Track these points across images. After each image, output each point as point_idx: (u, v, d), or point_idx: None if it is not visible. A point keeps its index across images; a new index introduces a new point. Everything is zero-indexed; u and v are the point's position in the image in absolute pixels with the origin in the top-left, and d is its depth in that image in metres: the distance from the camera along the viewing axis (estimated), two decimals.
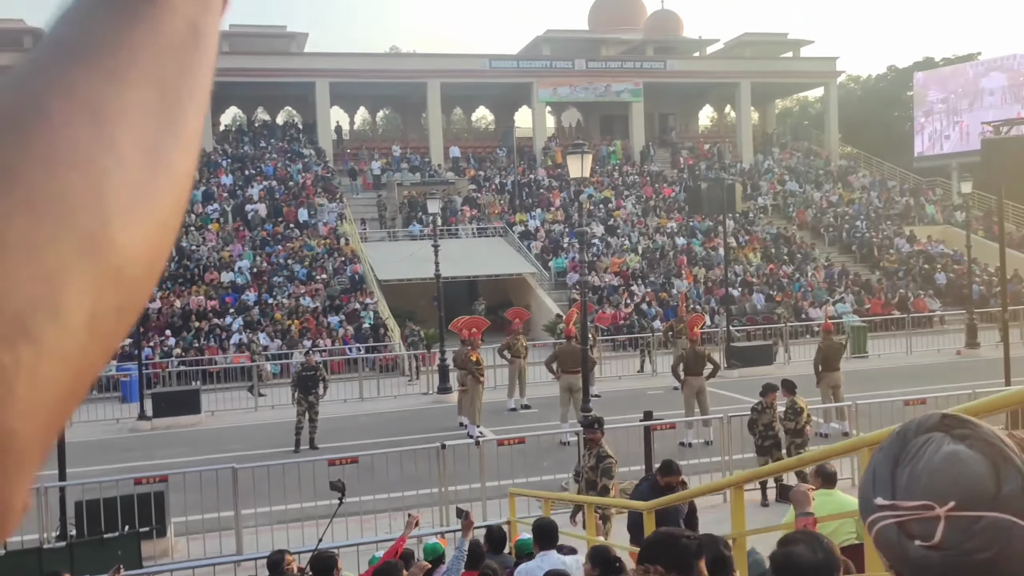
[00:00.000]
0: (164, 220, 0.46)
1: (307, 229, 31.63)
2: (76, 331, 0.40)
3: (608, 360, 22.96)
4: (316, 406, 16.20)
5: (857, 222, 37.19)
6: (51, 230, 0.40)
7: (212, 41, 0.52)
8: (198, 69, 0.50)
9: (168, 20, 0.49)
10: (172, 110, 0.47)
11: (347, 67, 38.26)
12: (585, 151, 13.98)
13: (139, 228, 0.44)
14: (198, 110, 0.50)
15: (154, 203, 0.45)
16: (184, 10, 0.50)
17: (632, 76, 41.77)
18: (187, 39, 0.50)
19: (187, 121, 0.48)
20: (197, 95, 0.50)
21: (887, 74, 57.45)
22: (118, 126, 0.44)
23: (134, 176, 0.44)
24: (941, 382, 17.40)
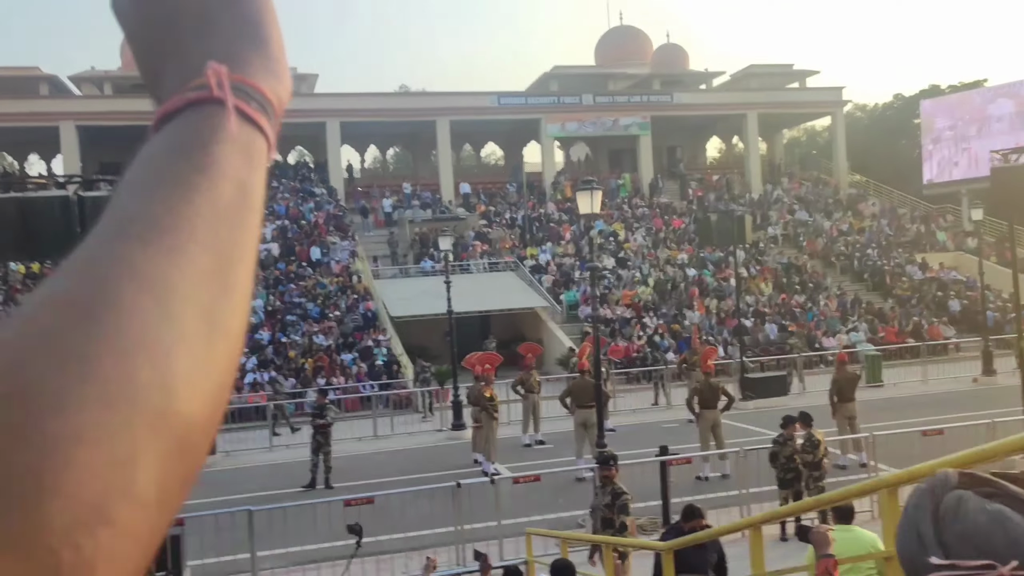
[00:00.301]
0: (222, 382, 0.47)
1: (320, 267, 31.83)
2: (148, 508, 0.41)
3: (622, 394, 22.88)
4: (327, 445, 16.18)
5: (868, 250, 37.13)
6: (124, 416, 0.41)
7: (260, 195, 0.54)
8: (248, 227, 0.52)
9: (220, 186, 0.51)
10: (226, 274, 0.49)
11: (357, 107, 38.74)
12: (595, 187, 14.09)
13: (200, 395, 0.45)
14: (249, 267, 0.51)
15: (213, 368, 0.46)
16: (234, 173, 0.52)
17: (639, 110, 42.10)
18: (237, 200, 0.51)
19: (239, 281, 0.50)
20: (248, 253, 0.51)
21: (893, 102, 57.65)
22: (180, 301, 0.46)
23: (195, 346, 0.45)
24: (958, 411, 17.28)
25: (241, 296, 0.50)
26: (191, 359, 0.45)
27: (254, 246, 0.53)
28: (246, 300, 0.51)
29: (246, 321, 0.51)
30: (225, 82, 0.54)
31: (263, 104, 0.56)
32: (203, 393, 0.45)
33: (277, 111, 0.58)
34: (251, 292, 0.52)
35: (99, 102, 37.58)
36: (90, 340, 0.42)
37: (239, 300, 0.50)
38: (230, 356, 0.48)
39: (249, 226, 0.52)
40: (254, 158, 0.54)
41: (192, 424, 0.44)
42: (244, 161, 0.53)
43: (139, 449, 0.41)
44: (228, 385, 0.49)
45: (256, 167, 0.54)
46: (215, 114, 0.53)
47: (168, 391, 0.43)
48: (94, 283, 0.45)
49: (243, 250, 0.51)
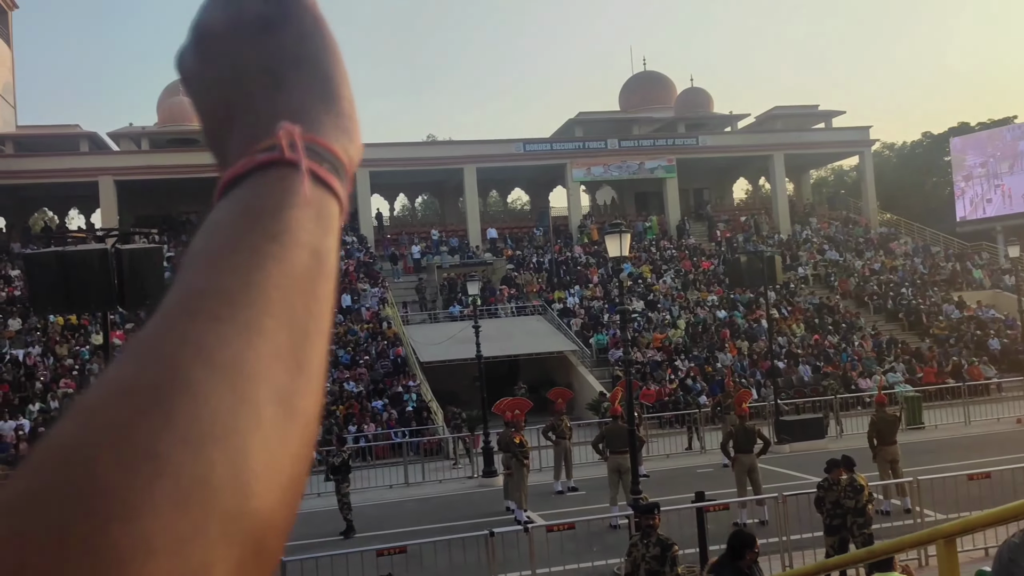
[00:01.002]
0: (297, 473, 0.43)
1: (350, 314, 31.98)
2: None
3: (655, 438, 22.58)
4: (341, 494, 16.10)
5: (903, 289, 36.63)
6: (197, 521, 0.37)
7: (334, 261, 0.50)
8: (323, 297, 0.48)
9: (294, 255, 0.47)
10: (302, 350, 0.45)
11: (386, 156, 39.25)
12: (623, 231, 14.06)
13: (276, 491, 0.41)
14: (324, 341, 0.47)
15: (288, 458, 0.42)
16: (308, 239, 0.48)
17: (665, 153, 42.21)
18: (312, 268, 0.48)
19: (315, 357, 0.46)
20: (323, 326, 0.47)
21: (922, 140, 57.38)
22: (255, 383, 0.42)
23: (270, 435, 0.41)
24: (1003, 453, 16.79)
25: (317, 374, 0.46)
26: (266, 450, 0.41)
27: (329, 317, 0.49)
28: (322, 378, 0.47)
29: (321, 401, 0.47)
30: (299, 143, 0.51)
31: (335, 165, 0.53)
32: (278, 488, 0.41)
33: (349, 172, 0.55)
34: (326, 368, 0.48)
35: (136, 157, 38.50)
36: (160, 433, 0.38)
37: (315, 378, 0.45)
38: (305, 443, 0.44)
39: (324, 296, 0.48)
40: (327, 222, 0.50)
41: (267, 525, 0.40)
42: (317, 226, 0.49)
43: (214, 558, 0.37)
44: (303, 476, 0.44)
45: (329, 231, 0.50)
46: (287, 177, 0.50)
47: (243, 489, 0.39)
48: (162, 367, 0.40)
49: (319, 323, 0.47)
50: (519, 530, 12.16)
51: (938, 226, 44.67)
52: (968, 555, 5.81)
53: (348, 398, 26.48)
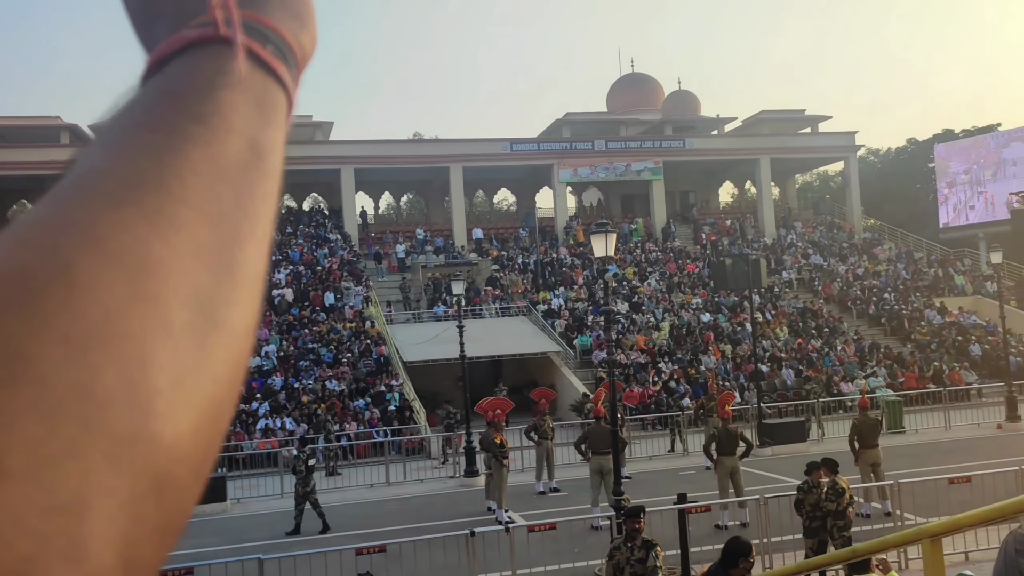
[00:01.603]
0: (221, 397, 0.36)
1: (333, 313, 31.80)
2: (104, 574, 0.29)
3: (638, 440, 22.56)
4: (302, 494, 15.92)
5: (885, 294, 36.81)
6: (71, 439, 0.29)
7: (277, 159, 0.44)
8: (260, 196, 0.41)
9: (225, 141, 0.40)
10: (230, 251, 0.38)
11: (371, 154, 39.11)
12: (609, 230, 14.01)
13: (190, 414, 0.33)
14: (261, 246, 0.40)
15: (208, 377, 0.35)
16: (243, 126, 0.41)
17: (651, 155, 42.25)
18: (247, 160, 0.41)
19: (248, 262, 0.39)
20: (260, 228, 0.40)
21: (907, 147, 57.77)
22: (163, 281, 0.34)
23: (183, 345, 0.34)
24: (983, 458, 16.86)
25: (250, 282, 0.39)
26: (177, 363, 0.33)
27: (269, 220, 0.42)
28: (256, 288, 0.39)
29: (256, 317, 0.39)
30: (235, 18, 0.44)
31: (282, 49, 0.46)
32: (192, 411, 0.33)
33: (300, 62, 0.48)
34: (263, 278, 0.41)
35: None
36: (28, 329, 0.30)
37: (246, 286, 0.38)
38: (233, 361, 0.37)
39: (263, 195, 0.41)
40: (270, 113, 0.44)
41: (175, 455, 0.32)
42: (257, 115, 0.43)
43: (91, 488, 0.29)
44: (230, 403, 0.37)
45: (272, 123, 0.44)
46: (221, 55, 0.43)
47: (141, 407, 0.31)
48: (39, 252, 0.32)
49: (254, 223, 0.40)
50: (500, 530, 12.09)
51: (921, 232, 44.96)
52: (949, 559, 5.78)
53: (330, 396, 26.32)
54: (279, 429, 24.35)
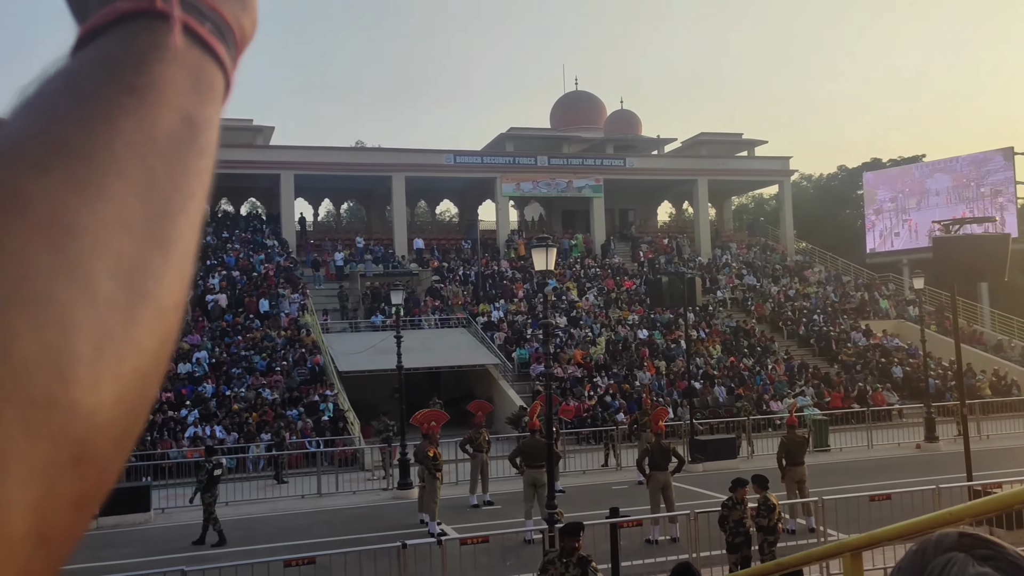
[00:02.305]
0: (145, 370, 0.35)
1: (268, 320, 31.30)
2: (17, 548, 0.28)
3: (572, 454, 22.71)
4: (204, 503, 15.69)
5: (815, 316, 37.83)
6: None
7: (212, 137, 0.43)
8: (194, 172, 0.41)
9: (158, 114, 0.40)
10: (160, 225, 0.37)
11: (313, 160, 38.72)
12: (549, 245, 14.14)
13: (112, 384, 0.33)
14: (192, 222, 0.40)
15: (133, 348, 0.34)
16: (178, 101, 0.41)
17: (593, 173, 42.78)
18: (181, 136, 0.40)
19: (178, 237, 0.38)
20: (192, 204, 0.40)
21: (838, 173, 59.60)
22: (88, 249, 0.33)
23: (107, 314, 0.33)
24: (903, 476, 17.46)
25: (179, 256, 0.38)
26: (99, 332, 0.32)
27: (201, 197, 0.41)
28: (186, 263, 0.39)
29: (185, 292, 0.39)
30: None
31: (221, 28, 0.45)
32: (117, 382, 0.33)
33: (239, 43, 0.47)
34: (194, 256, 0.41)
35: None
36: None
37: (176, 261, 0.38)
38: (159, 335, 0.36)
39: (196, 171, 0.41)
40: (207, 91, 0.43)
41: (95, 425, 0.32)
42: (193, 91, 0.42)
43: (6, 453, 0.28)
44: (156, 378, 0.36)
45: (209, 101, 0.43)
46: (157, 29, 0.42)
47: (60, 372, 0.31)
48: None
49: (186, 199, 0.39)
50: (432, 543, 12.04)
51: (850, 256, 46.39)
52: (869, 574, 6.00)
53: (262, 405, 25.87)
54: (208, 437, 23.83)
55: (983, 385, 30.81)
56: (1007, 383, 31.51)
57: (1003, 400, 29.07)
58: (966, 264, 14.88)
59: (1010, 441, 24.36)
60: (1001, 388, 31.07)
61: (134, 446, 0.35)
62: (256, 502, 19.80)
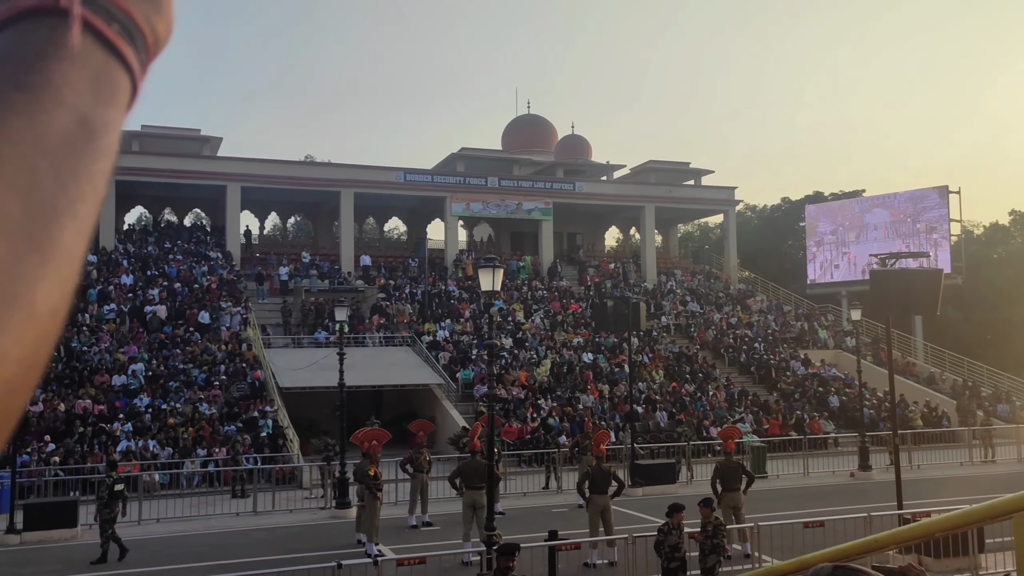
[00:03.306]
0: (11, 378, 0.33)
1: (208, 333, 30.69)
2: None
3: (513, 476, 22.64)
4: (103, 520, 15.20)
5: (756, 344, 38.48)
6: None
7: (111, 140, 0.41)
8: (86, 175, 0.39)
9: (50, 112, 0.38)
10: (40, 226, 0.35)
11: (260, 173, 38.27)
12: (497, 265, 14.15)
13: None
14: (80, 226, 0.38)
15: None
16: (74, 101, 0.39)
17: (542, 196, 43.08)
18: (76, 137, 0.39)
19: (60, 241, 0.36)
20: (81, 207, 0.38)
21: (781, 205, 60.97)
22: None
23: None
24: (837, 503, 17.78)
25: (61, 261, 0.36)
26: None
27: (94, 200, 0.39)
28: (69, 268, 0.37)
29: (67, 299, 0.37)
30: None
31: (130, 30, 0.44)
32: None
33: (151, 48, 0.45)
34: (79, 265, 0.38)
35: None
36: None
37: (57, 266, 0.36)
38: (31, 342, 0.34)
39: (90, 174, 0.39)
40: (109, 92, 0.41)
41: None
42: (92, 92, 0.40)
43: None
44: (25, 385, 0.34)
45: (110, 103, 0.41)
46: (58, 27, 0.40)
47: None
48: None
49: (74, 203, 0.37)
50: (368, 563, 11.86)
51: (791, 286, 47.41)
52: None
53: (199, 420, 25.30)
54: (142, 450, 23.21)
55: (915, 416, 31.64)
56: (938, 415, 32.41)
57: (934, 431, 29.89)
58: (901, 297, 15.31)
59: (939, 471, 25.03)
60: (932, 420, 31.94)
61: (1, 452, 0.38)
62: (189, 519, 19.31)
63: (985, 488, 18.30)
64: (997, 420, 31.26)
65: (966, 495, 15.69)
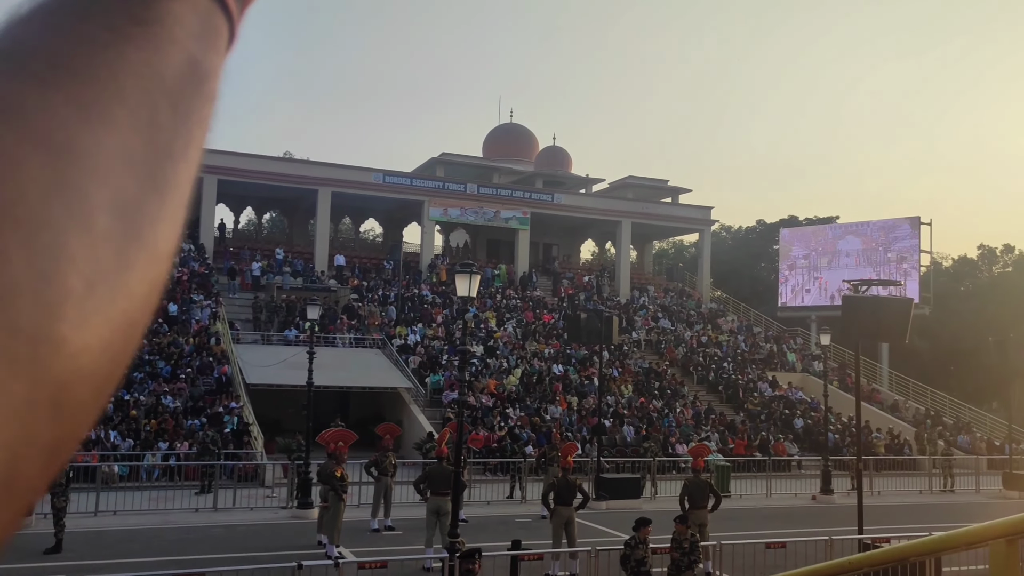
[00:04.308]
0: (133, 317, 0.33)
1: (176, 325, 30.32)
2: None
3: (478, 484, 22.56)
4: (56, 508, 15.10)
5: (725, 363, 38.72)
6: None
7: (215, 87, 0.40)
8: (196, 119, 0.38)
9: (166, 52, 0.37)
10: (160, 166, 0.35)
11: (238, 167, 37.92)
12: (473, 272, 14.13)
13: (100, 327, 0.30)
14: (190, 170, 0.38)
15: (125, 291, 0.32)
16: (186, 43, 0.38)
17: (520, 205, 43.15)
18: (188, 79, 0.38)
19: (177, 182, 0.36)
20: (192, 151, 0.38)
21: (756, 227, 61.59)
22: (89, 176, 0.31)
23: (103, 250, 0.30)
24: (798, 526, 17.89)
25: (177, 203, 0.36)
26: (94, 267, 0.30)
27: (200, 148, 0.39)
28: (181, 211, 0.37)
29: (177, 242, 0.37)
30: None
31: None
32: (105, 323, 0.30)
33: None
34: (187, 206, 0.39)
35: None
36: None
37: (174, 207, 0.36)
38: (150, 282, 0.34)
39: (199, 118, 0.38)
40: (214, 39, 0.40)
41: (80, 368, 0.29)
42: (200, 34, 0.39)
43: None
44: (142, 324, 0.34)
45: (215, 49, 0.40)
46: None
47: (49, 304, 0.28)
48: None
49: (187, 144, 0.37)
50: (329, 565, 11.74)
51: (761, 308, 47.83)
52: None
53: (163, 413, 24.95)
54: (103, 440, 22.84)
55: (879, 443, 31.99)
56: (900, 442, 32.80)
57: (895, 458, 30.24)
58: (871, 324, 15.49)
59: (899, 498, 25.30)
60: (894, 447, 32.32)
61: (111, 399, 0.33)
62: (147, 512, 19.02)
63: (943, 517, 18.54)
64: (958, 450, 31.71)
65: (925, 523, 15.87)
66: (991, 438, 34.68)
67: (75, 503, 19.05)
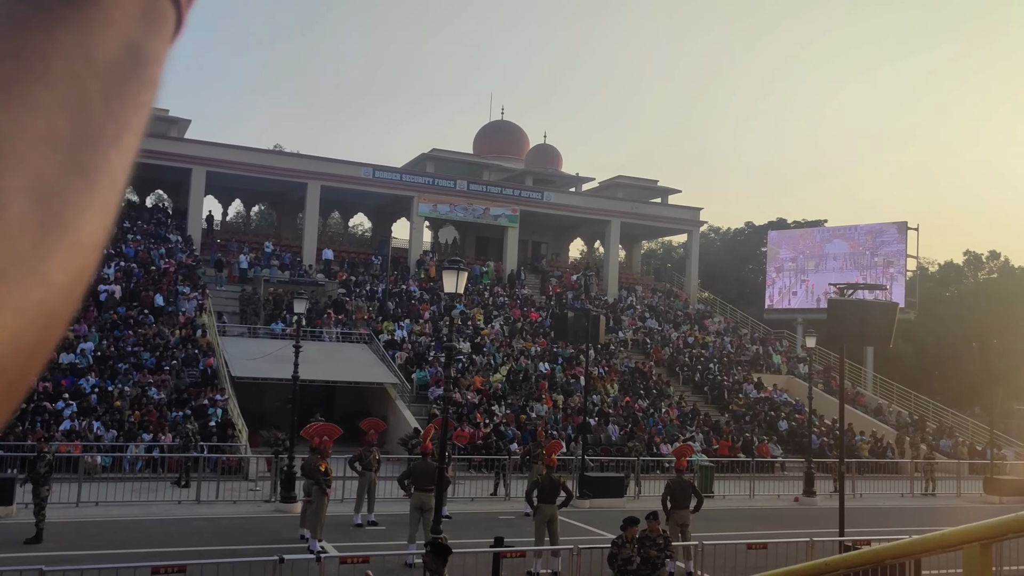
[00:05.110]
0: (52, 307, 0.31)
1: (163, 316, 30.18)
2: None
3: (462, 480, 22.57)
4: (39, 497, 15.12)
5: (711, 364, 38.87)
6: None
7: (157, 72, 0.39)
8: (133, 105, 0.37)
9: (101, 34, 0.35)
10: (88, 151, 0.33)
11: (228, 158, 37.79)
12: (461, 268, 14.13)
13: (11, 317, 0.29)
14: (125, 157, 0.37)
15: (41, 279, 0.30)
16: (125, 26, 0.37)
17: (510, 203, 43.16)
18: (123, 63, 0.36)
19: (108, 168, 0.35)
20: (127, 137, 0.37)
21: (744, 229, 61.79)
22: (3, 159, 0.30)
23: (16, 236, 0.29)
24: (780, 527, 18.00)
25: (106, 191, 0.34)
26: (5, 254, 0.29)
27: (137, 133, 0.38)
28: (113, 199, 0.35)
29: (106, 230, 0.36)
30: None
31: None
32: (16, 313, 0.29)
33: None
34: (121, 194, 0.37)
35: None
36: None
37: (101, 196, 0.34)
38: (74, 270, 0.32)
39: (136, 104, 0.37)
40: (156, 23, 0.39)
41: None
42: (141, 18, 0.38)
43: None
44: (62, 315, 0.32)
45: (156, 33, 0.39)
46: None
47: None
48: None
49: (121, 130, 0.36)
50: (311, 559, 11.73)
51: (748, 310, 48.02)
52: None
53: (147, 404, 24.84)
54: (86, 431, 22.72)
55: (862, 446, 32.18)
56: (883, 446, 33.01)
57: (878, 461, 30.44)
58: (856, 327, 15.58)
59: (881, 501, 25.47)
60: (877, 450, 32.52)
61: (25, 397, 0.31)
62: (129, 504, 18.94)
63: (924, 520, 18.67)
64: (940, 454, 31.95)
65: (906, 526, 15.98)
66: (973, 443, 34.97)
67: (57, 493, 18.95)
